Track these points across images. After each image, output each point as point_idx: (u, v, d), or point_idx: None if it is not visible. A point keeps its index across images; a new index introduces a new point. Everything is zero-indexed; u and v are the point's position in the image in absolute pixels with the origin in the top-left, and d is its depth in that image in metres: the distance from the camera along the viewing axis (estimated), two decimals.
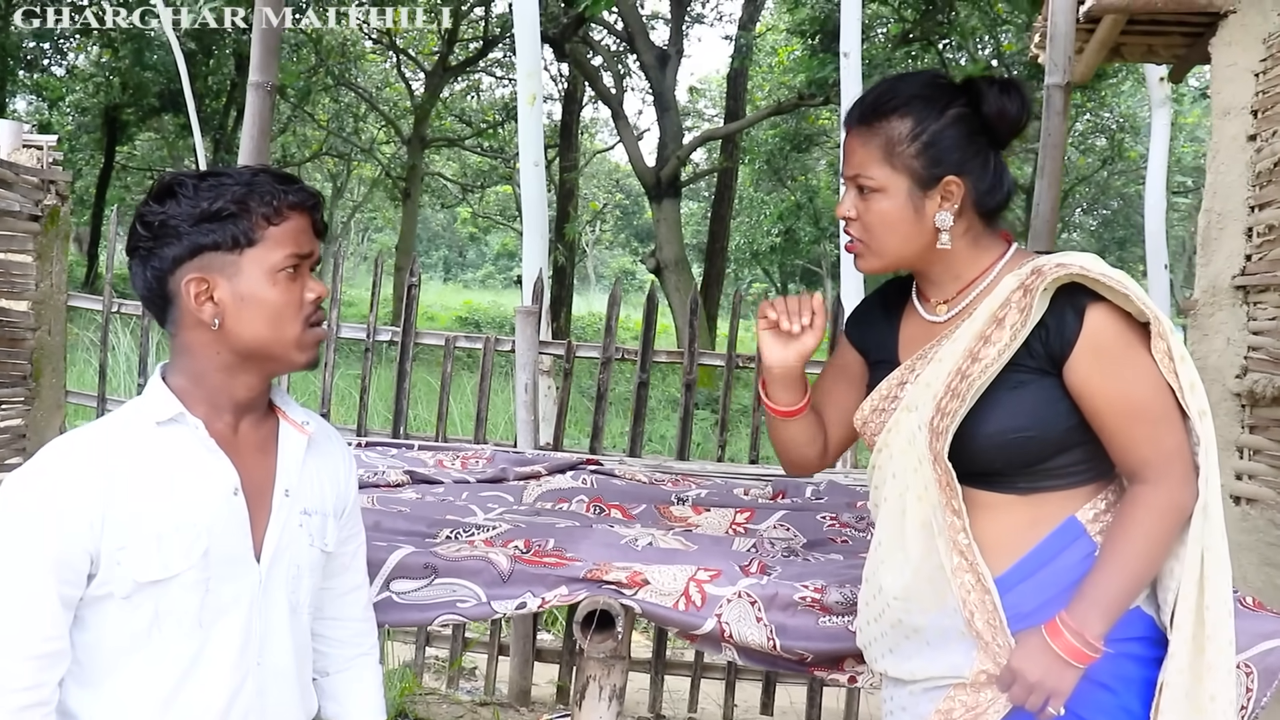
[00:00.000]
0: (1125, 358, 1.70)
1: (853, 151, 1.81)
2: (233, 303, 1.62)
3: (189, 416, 1.63)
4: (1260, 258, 4.21)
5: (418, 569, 2.10)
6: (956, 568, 1.75)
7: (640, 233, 43.83)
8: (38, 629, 1.51)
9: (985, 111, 1.78)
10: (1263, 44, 4.28)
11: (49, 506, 1.52)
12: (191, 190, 1.61)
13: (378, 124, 25.30)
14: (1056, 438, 1.74)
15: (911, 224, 1.78)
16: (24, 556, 1.51)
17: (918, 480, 1.78)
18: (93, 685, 1.59)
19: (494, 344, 4.59)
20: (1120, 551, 1.69)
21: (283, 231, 1.63)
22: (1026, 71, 14.47)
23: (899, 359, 1.90)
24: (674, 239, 15.30)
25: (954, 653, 1.78)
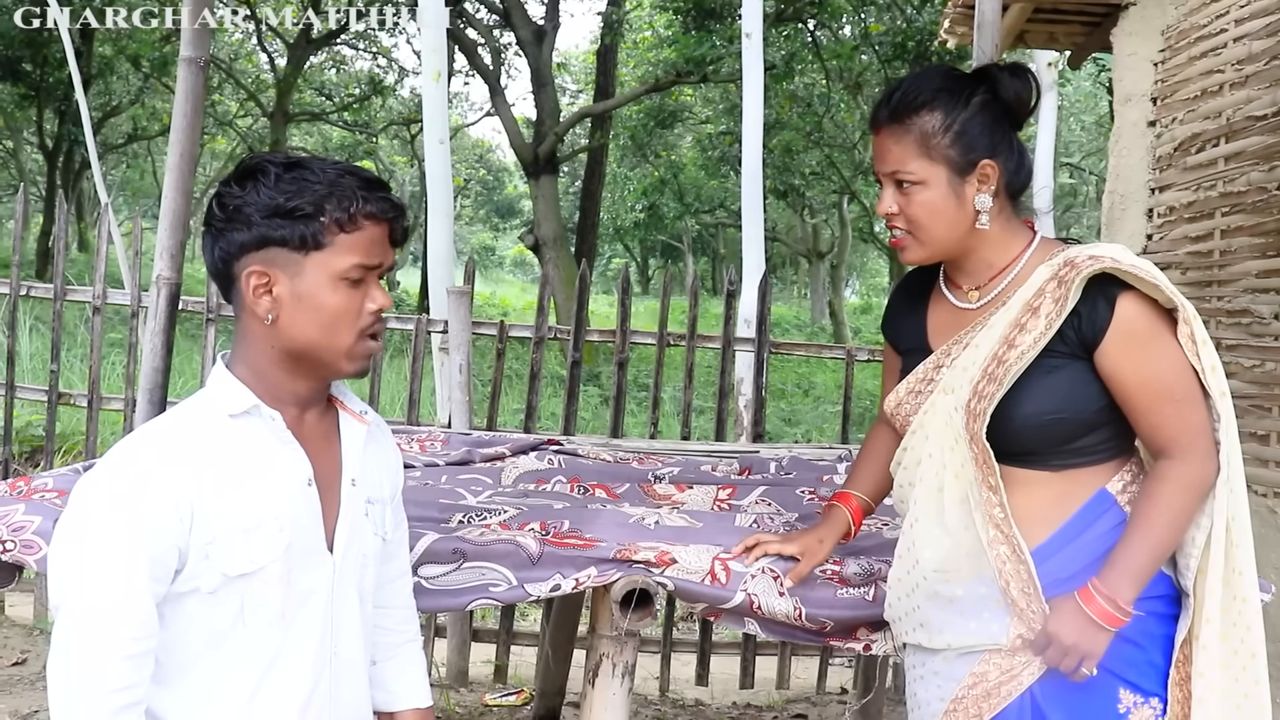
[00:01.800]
0: (1154, 343, 1.82)
1: (887, 149, 1.89)
2: (290, 301, 1.60)
3: (264, 408, 1.62)
4: (1161, 237, 4.46)
5: (446, 554, 2.11)
6: (993, 540, 1.85)
7: (501, 209, 43.51)
8: (131, 628, 1.49)
9: (1004, 96, 1.89)
10: (1161, 35, 4.51)
11: (139, 503, 1.49)
12: (273, 180, 1.59)
13: (234, 96, 24.52)
14: (1088, 418, 1.85)
15: (955, 210, 1.87)
16: (116, 554, 1.48)
17: (954, 459, 1.88)
18: (171, 683, 1.57)
19: (425, 325, 4.56)
20: (1149, 522, 1.81)
21: (354, 240, 1.61)
22: (893, 52, 14.85)
23: (930, 345, 1.99)
24: (552, 216, 15.26)
25: (989, 620, 1.89)
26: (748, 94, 6.91)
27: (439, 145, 6.35)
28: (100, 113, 22.21)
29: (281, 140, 20.84)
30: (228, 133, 24.83)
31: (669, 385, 10.10)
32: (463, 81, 23.83)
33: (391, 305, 1.70)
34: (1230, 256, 4.01)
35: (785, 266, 38.45)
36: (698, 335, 4.58)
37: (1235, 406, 3.91)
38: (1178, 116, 4.38)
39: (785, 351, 4.91)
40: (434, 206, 6.39)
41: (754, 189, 6.92)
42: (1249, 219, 3.91)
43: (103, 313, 4.79)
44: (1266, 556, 3.62)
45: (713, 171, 22.26)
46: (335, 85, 24.35)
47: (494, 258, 50.40)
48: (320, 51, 22.44)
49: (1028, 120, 1.96)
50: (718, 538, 2.26)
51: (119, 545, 1.48)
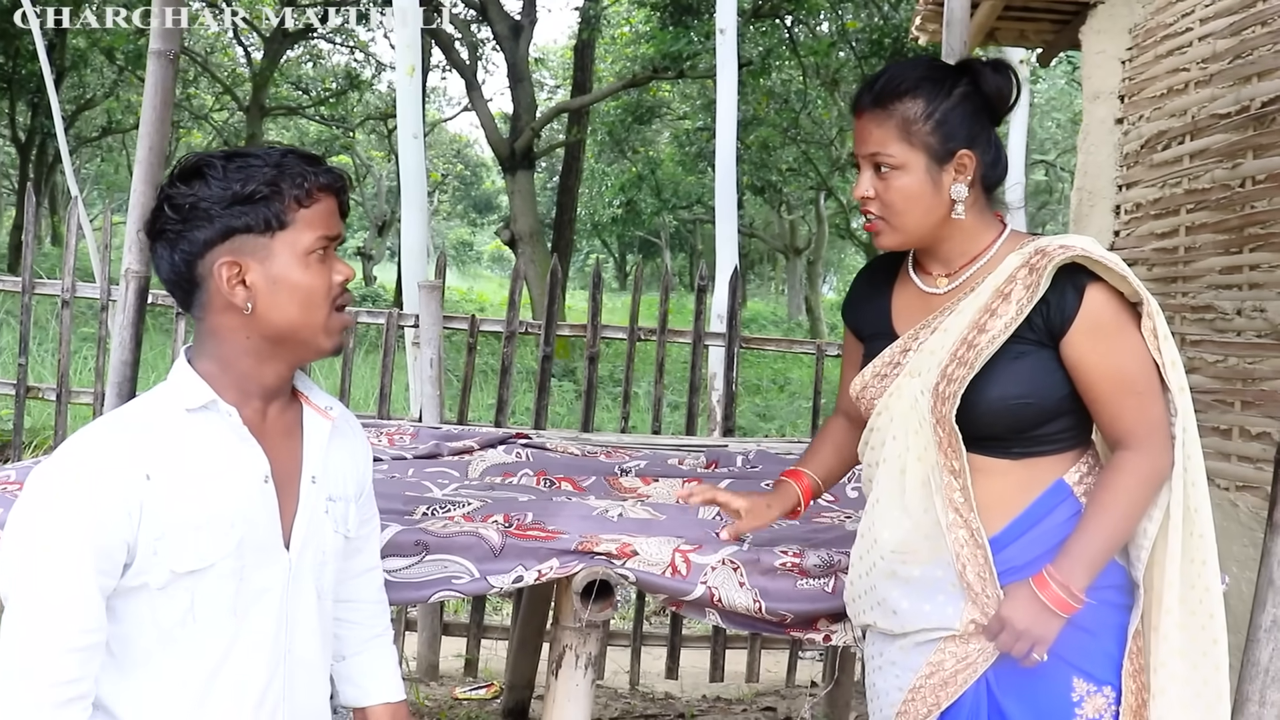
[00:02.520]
0: (1119, 335, 1.85)
1: (868, 133, 1.91)
2: (265, 286, 1.59)
3: (221, 404, 1.61)
4: (1128, 234, 4.50)
5: (408, 546, 2.12)
6: (951, 524, 1.88)
7: (479, 204, 43.45)
8: (78, 621, 1.47)
9: (985, 90, 1.91)
10: (1129, 33, 4.55)
11: (87, 496, 1.48)
12: (221, 171, 1.58)
13: (209, 90, 24.39)
14: (1051, 405, 1.88)
15: (931, 197, 1.89)
16: (63, 548, 1.47)
17: (918, 441, 1.91)
18: (125, 677, 1.56)
19: (396, 319, 4.57)
20: (1105, 511, 1.84)
21: (313, 213, 1.61)
22: (869, 48, 14.91)
23: (895, 330, 2.01)
24: (529, 211, 15.25)
25: (943, 604, 1.91)
26: (722, 90, 6.94)
27: (413, 140, 6.35)
28: (74, 106, 22.07)
29: (258, 134, 20.75)
30: (203, 126, 24.70)
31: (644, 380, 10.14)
32: (440, 76, 23.78)
33: (354, 275, 1.70)
34: (1195, 253, 4.06)
35: (763, 262, 38.53)
36: (669, 330, 4.60)
37: (1198, 401, 3.97)
38: (1144, 114, 4.42)
39: (756, 346, 4.94)
40: (408, 201, 6.40)
41: (727, 184, 6.95)
42: (1213, 216, 3.95)
43: (72, 306, 4.77)
44: (1228, 549, 3.66)
45: (690, 167, 22.28)
46: (312, 79, 24.26)
47: (472, 253, 50.29)
48: (297, 45, 22.36)
49: (1006, 115, 1.99)
50: (680, 530, 2.28)
51: (66, 538, 1.47)
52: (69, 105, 21.51)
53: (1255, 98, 3.74)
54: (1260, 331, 3.65)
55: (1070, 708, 1.89)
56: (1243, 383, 3.75)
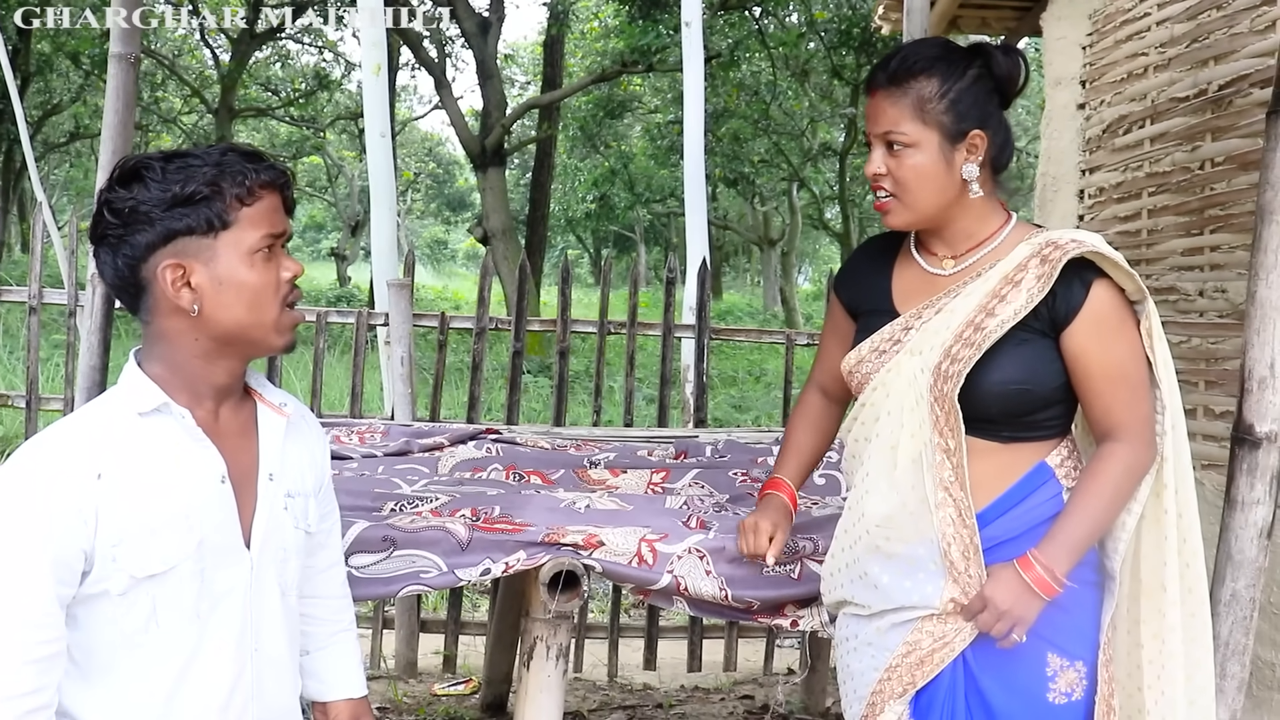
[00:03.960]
0: (1119, 331, 1.91)
1: (882, 111, 1.93)
2: (211, 287, 1.59)
3: (174, 406, 1.60)
4: (1092, 218, 4.54)
5: (375, 542, 2.13)
6: (940, 502, 1.92)
7: (451, 201, 43.32)
8: (36, 632, 1.47)
9: (997, 73, 1.95)
10: (1089, 19, 4.59)
11: (41, 505, 1.47)
12: (160, 173, 1.57)
13: (177, 93, 24.23)
14: (1046, 393, 1.93)
15: (944, 176, 1.93)
16: (18, 558, 1.46)
17: (913, 419, 1.94)
18: (90, 684, 1.56)
19: (366, 318, 4.57)
20: (1091, 499, 1.90)
21: (256, 211, 1.61)
22: (838, 39, 14.95)
23: (895, 308, 2.04)
24: (501, 208, 15.22)
25: (923, 582, 1.95)
26: (689, 83, 6.96)
27: (380, 139, 6.35)
28: (40, 111, 21.89)
29: (227, 136, 20.63)
30: (172, 130, 24.54)
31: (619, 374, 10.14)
32: (409, 75, 23.71)
33: (303, 271, 1.69)
34: (1157, 235, 4.09)
35: (737, 255, 38.59)
36: (640, 323, 4.61)
37: None
38: (1106, 99, 4.45)
39: (726, 338, 4.97)
40: (377, 200, 6.39)
41: (697, 177, 6.97)
42: (1174, 198, 3.99)
43: (39, 313, 4.75)
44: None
45: (662, 161, 22.28)
46: (281, 80, 24.13)
47: (446, 251, 50.19)
48: (265, 46, 22.23)
49: (1016, 97, 2.02)
50: (647, 520, 2.30)
51: (20, 548, 1.46)
52: (35, 111, 21.34)
53: (1212, 81, 3.78)
54: (1222, 312, 3.69)
55: (1044, 682, 1.94)
56: (1206, 363, 3.79)
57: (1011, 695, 1.92)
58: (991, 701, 1.92)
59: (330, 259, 30.56)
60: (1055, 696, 1.93)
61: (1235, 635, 2.27)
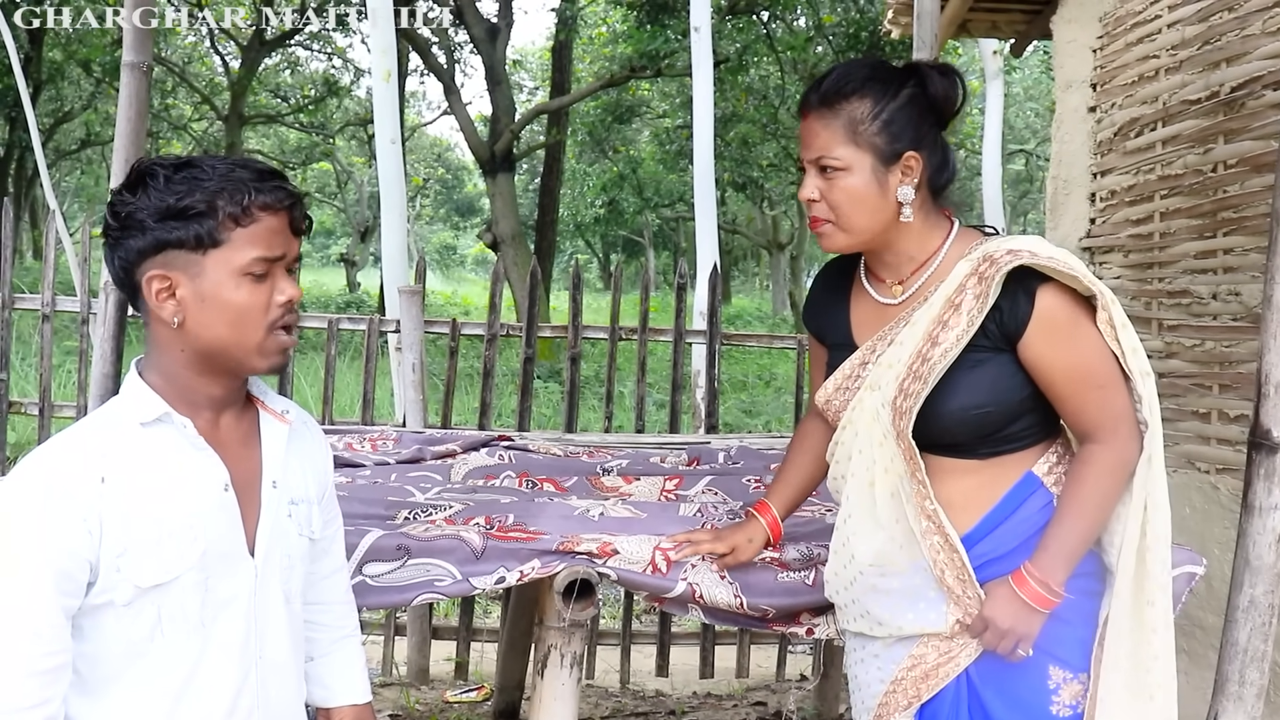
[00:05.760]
0: (1074, 332, 1.86)
1: (815, 134, 1.90)
2: (194, 302, 1.57)
3: (175, 415, 1.60)
4: (1103, 221, 4.53)
5: (390, 551, 2.13)
6: (925, 530, 1.89)
7: (461, 207, 43.42)
8: (41, 644, 1.46)
9: (932, 93, 1.91)
10: (1099, 22, 4.58)
11: (45, 517, 1.47)
12: (162, 182, 1.55)
13: (188, 100, 24.33)
14: (1012, 409, 1.89)
15: (877, 199, 1.89)
16: (23, 570, 1.46)
17: (883, 454, 1.92)
18: (95, 695, 1.56)
19: (378, 324, 4.57)
20: (1078, 506, 1.86)
21: (250, 233, 1.57)
22: (846, 43, 14.94)
23: (854, 341, 2.02)
24: (510, 213, 15.25)
25: (925, 610, 1.93)
26: (698, 87, 6.95)
27: (390, 145, 6.36)
28: (52, 119, 21.99)
29: (237, 143, 20.70)
30: (183, 137, 24.62)
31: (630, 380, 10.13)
32: (418, 80, 23.79)
33: (301, 296, 1.65)
34: (1169, 238, 4.08)
35: (746, 259, 38.61)
36: (651, 329, 4.61)
37: (1177, 385, 4.00)
38: (1117, 102, 4.44)
39: (736, 342, 4.97)
40: (387, 206, 6.40)
41: (706, 182, 6.97)
42: (1186, 201, 3.97)
43: (52, 320, 4.77)
44: (1209, 531, 3.70)
45: (671, 165, 22.29)
46: (290, 87, 24.22)
47: (455, 257, 50.27)
48: (274, 53, 22.32)
49: (953, 120, 1.97)
50: (661, 527, 2.29)
51: (25, 561, 1.46)
52: (47, 119, 21.45)
53: (1224, 83, 3.77)
54: (1236, 314, 3.68)
55: (1048, 695, 1.91)
56: (1220, 366, 3.77)
57: (1014, 709, 1.90)
58: (994, 715, 1.90)
59: (340, 265, 30.61)
60: (1059, 709, 1.90)
61: (1254, 641, 2.26)
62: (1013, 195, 28.38)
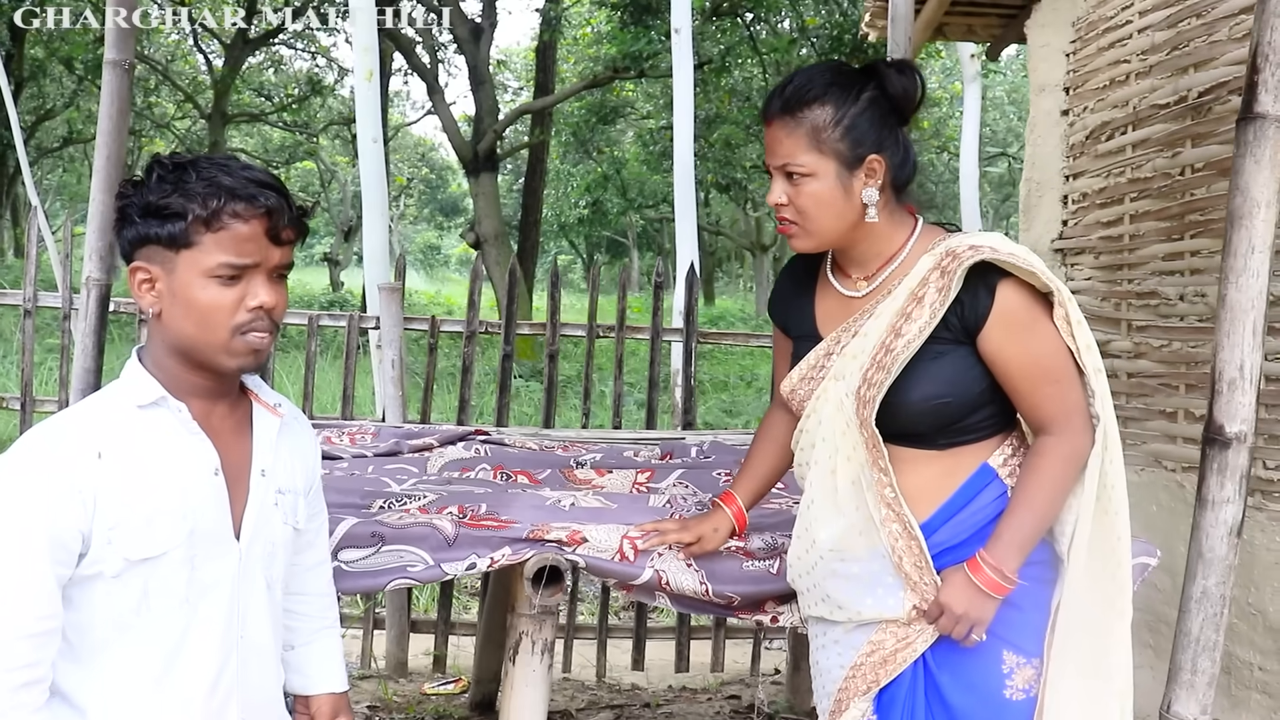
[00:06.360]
0: (1032, 327, 1.92)
1: (778, 142, 1.95)
2: (168, 297, 1.65)
3: (171, 400, 1.67)
4: (1075, 223, 4.59)
5: (364, 538, 2.17)
6: (885, 519, 1.95)
7: (444, 207, 43.38)
8: (33, 608, 1.53)
9: (891, 92, 1.96)
10: (1072, 26, 4.65)
11: (42, 488, 1.54)
12: (154, 181, 1.63)
13: (171, 98, 24.27)
14: (971, 400, 1.95)
15: (842, 203, 1.94)
16: (19, 537, 1.53)
17: (846, 442, 1.98)
18: (84, 664, 1.62)
19: (358, 321, 4.61)
20: (1031, 496, 1.93)
21: (219, 238, 1.62)
22: (830, 45, 15.01)
23: (819, 332, 2.07)
24: (493, 213, 15.28)
25: (884, 595, 1.99)
26: (679, 89, 7.00)
27: (372, 144, 6.38)
28: (34, 116, 21.91)
29: (220, 142, 20.66)
30: (165, 135, 24.56)
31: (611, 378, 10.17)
32: (402, 80, 23.78)
33: (275, 303, 1.68)
34: (1139, 240, 4.15)
35: (730, 260, 38.68)
36: (628, 327, 4.66)
37: (1145, 385, 4.06)
38: (1089, 105, 4.51)
39: (713, 341, 5.02)
40: (369, 205, 6.43)
41: (686, 183, 7.02)
42: (1155, 204, 4.04)
43: (35, 316, 4.79)
44: (1175, 528, 3.76)
45: (655, 166, 22.32)
46: (274, 86, 24.19)
47: (439, 256, 50.22)
48: (258, 52, 22.29)
49: (914, 115, 2.02)
50: (630, 518, 2.34)
51: (20, 528, 1.53)
52: (29, 116, 21.37)
53: (1192, 88, 3.84)
54: (1202, 316, 3.74)
55: (1001, 679, 1.97)
56: (1186, 366, 3.84)
57: (969, 693, 1.97)
58: (950, 699, 1.97)
59: (323, 264, 30.57)
60: (1012, 693, 1.97)
61: (1206, 631, 2.32)
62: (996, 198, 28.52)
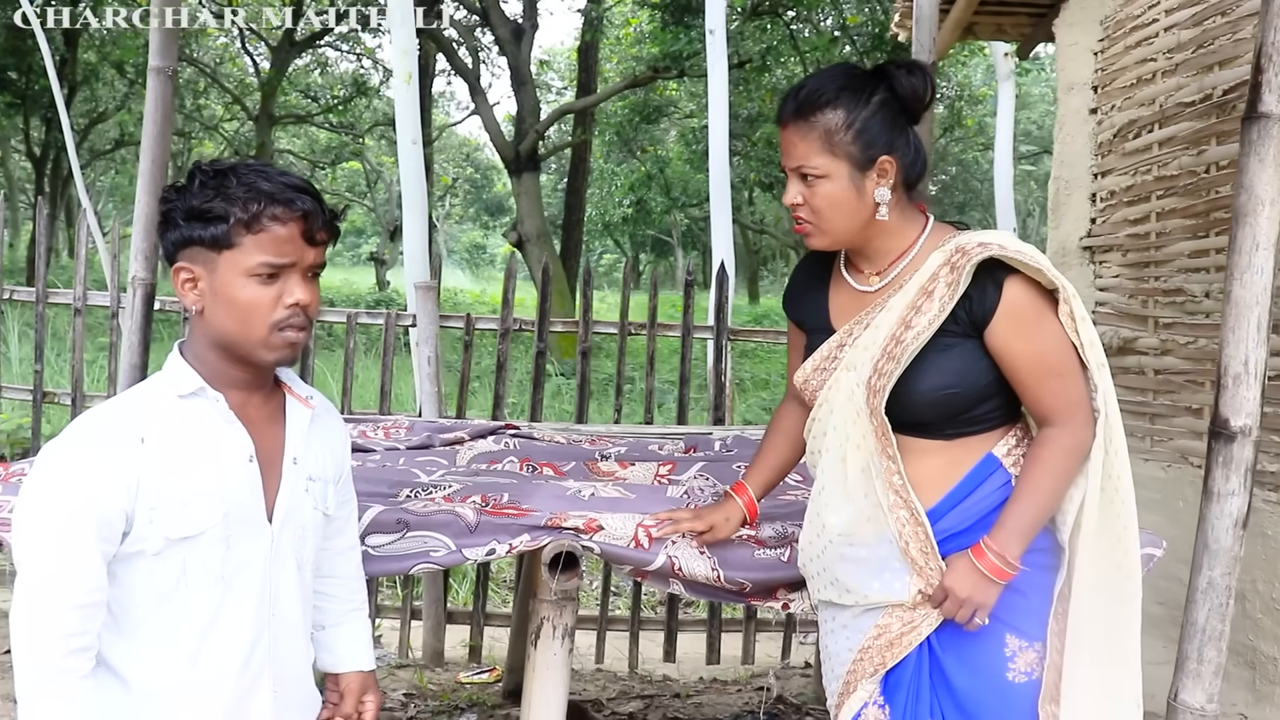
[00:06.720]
0: (1038, 323, 1.98)
1: (793, 145, 2.03)
2: (210, 295, 1.77)
3: (209, 391, 1.79)
4: (1103, 221, 4.62)
5: (390, 524, 2.27)
6: (893, 505, 2.03)
7: (490, 206, 43.60)
8: (82, 581, 1.65)
9: (900, 93, 2.02)
10: (1100, 25, 4.67)
11: (91, 471, 1.66)
12: (196, 186, 1.75)
13: (219, 100, 24.64)
14: (977, 392, 2.02)
15: (855, 202, 2.02)
16: (69, 516, 1.65)
17: (856, 431, 2.05)
18: (126, 636, 1.74)
19: (394, 319, 4.73)
20: (1034, 485, 1.99)
21: (258, 240, 1.74)
22: (871, 43, 15.01)
23: (832, 325, 2.15)
24: (535, 212, 15.41)
25: (890, 580, 2.06)
26: (713, 89, 7.07)
27: (411, 145, 6.48)
28: (86, 119, 22.33)
29: (267, 143, 20.96)
30: (214, 137, 24.93)
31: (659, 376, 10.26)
32: (445, 81, 23.96)
33: (310, 300, 1.80)
34: (1165, 238, 4.18)
35: (775, 259, 38.60)
36: (659, 324, 4.75)
37: (1172, 382, 4.07)
38: (1116, 104, 4.54)
39: (743, 338, 5.09)
40: (408, 205, 6.54)
41: (721, 181, 7.08)
42: (1181, 201, 4.07)
43: (84, 314, 4.96)
44: None
45: (698, 165, 22.31)
46: (320, 87, 24.47)
47: (484, 256, 50.50)
48: (304, 54, 22.57)
49: (923, 113, 2.09)
50: (647, 508, 2.42)
51: (69, 507, 1.65)
52: (82, 119, 21.79)
53: (1217, 86, 3.87)
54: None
55: (1004, 662, 2.04)
56: (1212, 363, 3.86)
57: (973, 675, 2.03)
58: (954, 681, 2.04)
59: (369, 264, 30.89)
60: (1015, 675, 2.03)
61: (1211, 621, 2.37)
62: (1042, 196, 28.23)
